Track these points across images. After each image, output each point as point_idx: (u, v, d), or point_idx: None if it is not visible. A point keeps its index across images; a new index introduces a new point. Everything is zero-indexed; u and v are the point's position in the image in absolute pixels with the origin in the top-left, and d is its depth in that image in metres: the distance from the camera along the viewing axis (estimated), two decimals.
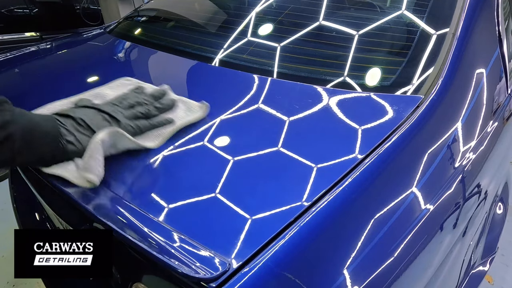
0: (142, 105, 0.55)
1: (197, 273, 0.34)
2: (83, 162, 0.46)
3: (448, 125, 0.62)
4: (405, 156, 0.54)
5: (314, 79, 0.71)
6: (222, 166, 0.50)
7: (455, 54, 0.67)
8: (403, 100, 0.62)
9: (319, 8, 0.87)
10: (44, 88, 0.81)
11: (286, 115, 0.60)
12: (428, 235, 0.53)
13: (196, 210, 0.43)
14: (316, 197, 0.43)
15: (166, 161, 0.52)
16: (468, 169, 0.64)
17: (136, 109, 0.54)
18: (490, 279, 1.40)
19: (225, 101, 0.67)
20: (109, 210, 0.44)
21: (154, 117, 0.56)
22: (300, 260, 0.39)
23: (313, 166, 0.48)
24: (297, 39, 0.82)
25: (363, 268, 0.43)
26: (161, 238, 0.39)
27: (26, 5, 2.76)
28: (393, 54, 0.76)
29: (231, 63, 0.82)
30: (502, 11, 0.85)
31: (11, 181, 1.12)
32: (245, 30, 0.90)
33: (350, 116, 0.59)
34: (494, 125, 0.77)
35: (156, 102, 0.58)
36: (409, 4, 0.81)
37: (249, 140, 0.56)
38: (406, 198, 0.51)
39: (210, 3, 1.15)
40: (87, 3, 3.03)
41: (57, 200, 0.69)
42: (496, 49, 0.82)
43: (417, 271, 0.53)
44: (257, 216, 0.41)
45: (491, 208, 0.94)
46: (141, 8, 1.33)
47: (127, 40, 1.05)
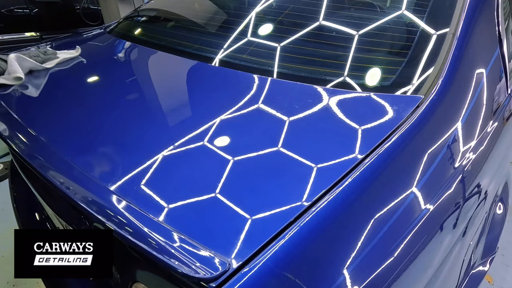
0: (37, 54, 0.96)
1: (197, 273, 0.34)
2: (8, 71, 0.84)
3: (448, 125, 0.62)
4: (405, 156, 0.54)
5: (314, 79, 0.71)
6: (222, 166, 0.50)
7: (455, 54, 0.67)
8: (403, 100, 0.62)
9: (319, 8, 0.87)
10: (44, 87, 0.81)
11: (286, 115, 0.60)
12: (428, 235, 0.53)
13: (196, 210, 0.43)
14: (316, 197, 0.43)
15: (166, 161, 0.52)
16: (468, 169, 0.64)
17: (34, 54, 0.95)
18: (490, 279, 1.40)
19: (225, 101, 0.67)
20: (109, 210, 0.44)
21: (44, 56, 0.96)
22: (300, 260, 0.39)
23: (313, 166, 0.48)
24: (297, 39, 0.82)
25: (363, 268, 0.43)
26: (161, 238, 0.39)
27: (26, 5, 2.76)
28: (393, 54, 0.76)
29: (231, 63, 0.82)
30: (502, 11, 0.85)
31: (11, 181, 1.13)
32: (245, 30, 0.90)
33: (350, 116, 0.59)
34: (494, 125, 0.77)
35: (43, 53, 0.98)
36: (409, 4, 0.81)
37: (249, 140, 0.56)
38: (406, 198, 0.51)
39: (210, 3, 1.15)
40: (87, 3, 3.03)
41: (57, 200, 0.69)
42: (496, 49, 0.82)
43: (417, 271, 0.53)
44: (257, 216, 0.41)
45: (491, 208, 0.94)
46: (141, 8, 1.33)
47: (127, 40, 1.05)
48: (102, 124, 0.65)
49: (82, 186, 0.48)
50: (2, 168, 1.99)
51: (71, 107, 0.73)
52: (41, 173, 0.52)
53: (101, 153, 0.55)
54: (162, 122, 0.65)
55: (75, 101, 0.75)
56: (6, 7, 2.66)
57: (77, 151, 0.56)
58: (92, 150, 0.56)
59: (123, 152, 0.55)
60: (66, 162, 0.53)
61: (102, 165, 0.52)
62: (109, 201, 0.45)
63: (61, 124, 0.66)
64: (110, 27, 1.23)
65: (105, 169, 0.51)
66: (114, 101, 0.74)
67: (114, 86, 0.79)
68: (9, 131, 0.64)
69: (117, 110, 0.69)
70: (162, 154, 0.53)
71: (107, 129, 0.63)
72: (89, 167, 0.52)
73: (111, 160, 0.52)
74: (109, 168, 0.51)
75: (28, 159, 0.55)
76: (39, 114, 0.70)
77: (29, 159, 0.55)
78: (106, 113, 0.68)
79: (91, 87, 0.77)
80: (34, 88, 0.81)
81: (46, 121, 0.67)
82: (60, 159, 0.54)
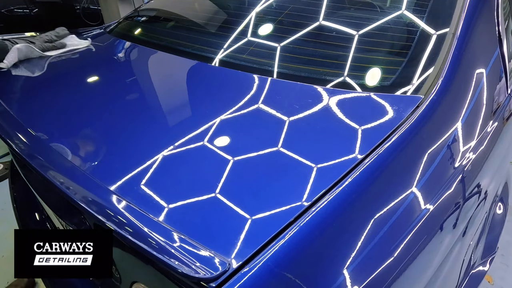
0: (48, 36, 1.07)
1: (197, 273, 0.34)
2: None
3: (448, 125, 0.62)
4: (405, 156, 0.54)
5: (314, 79, 0.71)
6: (222, 166, 0.50)
7: (455, 54, 0.67)
8: (403, 100, 0.62)
9: (319, 8, 0.87)
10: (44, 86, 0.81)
11: (286, 115, 0.60)
12: (428, 235, 0.53)
13: (196, 210, 0.43)
14: (316, 197, 0.43)
15: (166, 161, 0.52)
16: (468, 169, 0.64)
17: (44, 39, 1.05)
18: (490, 279, 1.40)
19: (225, 101, 0.67)
20: (109, 210, 0.44)
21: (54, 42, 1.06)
22: (300, 260, 0.39)
23: (313, 166, 0.48)
24: (297, 39, 0.82)
25: (363, 268, 0.43)
26: (161, 238, 0.39)
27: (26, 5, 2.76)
28: (393, 54, 0.76)
29: (231, 63, 0.82)
30: (502, 11, 0.85)
31: (11, 181, 1.13)
32: (245, 30, 0.90)
33: (350, 116, 0.59)
34: (494, 125, 0.77)
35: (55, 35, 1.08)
36: (409, 4, 0.81)
37: (249, 140, 0.56)
38: (406, 198, 0.51)
39: (210, 3, 1.15)
40: (87, 3, 3.03)
41: (57, 200, 0.69)
42: (496, 49, 0.82)
43: (417, 271, 0.53)
44: (257, 216, 0.41)
45: (491, 208, 0.94)
46: (141, 8, 1.33)
47: (127, 40, 1.05)
48: (102, 124, 0.65)
49: (82, 186, 0.48)
50: (2, 168, 1.99)
51: (71, 106, 0.73)
52: (41, 173, 0.52)
53: (101, 153, 0.55)
54: (162, 122, 0.65)
55: (74, 101, 0.75)
56: (6, 7, 2.66)
57: (77, 151, 0.56)
58: (92, 150, 0.56)
59: (123, 152, 0.55)
60: (66, 162, 0.53)
61: (102, 165, 0.52)
62: (109, 201, 0.45)
63: (60, 123, 0.66)
64: (110, 27, 1.23)
65: (105, 169, 0.51)
66: (114, 101, 0.74)
67: (114, 86, 0.79)
68: (9, 131, 0.64)
69: (117, 110, 0.69)
70: (162, 154, 0.53)
71: (107, 129, 0.63)
72: (89, 167, 0.52)
73: (111, 160, 0.52)
74: (109, 168, 0.51)
75: (28, 159, 0.55)
76: (38, 113, 0.69)
77: (29, 159, 0.55)
78: (106, 113, 0.68)
79: (90, 86, 0.77)
80: (29, 81, 0.82)
81: (46, 121, 0.67)
82: (60, 159, 0.54)
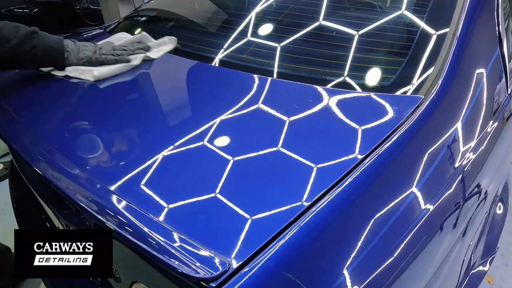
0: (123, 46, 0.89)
1: (197, 273, 0.34)
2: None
3: (448, 125, 0.62)
4: (405, 156, 0.54)
5: (314, 79, 0.71)
6: (222, 166, 0.50)
7: (455, 54, 0.67)
8: (403, 100, 0.62)
9: (319, 8, 0.87)
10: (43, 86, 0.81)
11: (286, 115, 0.60)
12: (428, 235, 0.53)
13: (196, 210, 0.43)
14: (316, 197, 0.43)
15: (166, 161, 0.52)
16: (468, 169, 0.64)
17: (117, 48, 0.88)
18: (490, 279, 1.40)
19: (225, 101, 0.67)
20: (109, 210, 0.44)
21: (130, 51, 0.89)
22: (300, 260, 0.39)
23: (313, 166, 0.48)
24: (297, 39, 0.82)
25: (363, 268, 0.43)
26: (161, 238, 0.39)
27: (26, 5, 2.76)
28: (393, 54, 0.76)
29: (231, 63, 0.82)
30: (502, 11, 0.85)
31: (11, 181, 1.13)
32: (245, 30, 0.90)
33: (350, 116, 0.59)
34: (494, 125, 0.77)
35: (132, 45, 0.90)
36: (409, 4, 0.81)
37: (249, 140, 0.56)
38: (406, 198, 0.51)
39: (210, 3, 1.15)
40: (87, 3, 3.03)
41: (57, 200, 0.69)
42: (496, 49, 0.82)
43: (417, 271, 0.53)
44: (257, 216, 0.41)
45: (491, 208, 0.94)
46: (141, 8, 1.33)
47: None
48: (102, 123, 0.65)
49: (82, 186, 0.48)
50: (2, 168, 1.99)
51: (70, 106, 0.73)
52: (41, 173, 0.52)
53: (101, 152, 0.55)
54: (162, 122, 0.65)
55: (74, 101, 0.75)
56: (6, 7, 2.66)
57: (77, 150, 0.56)
58: (92, 149, 0.56)
59: (123, 152, 0.55)
60: (66, 162, 0.53)
61: (102, 164, 0.52)
62: (109, 201, 0.45)
63: (60, 123, 0.66)
64: (110, 27, 1.23)
65: (105, 168, 0.51)
66: (114, 100, 0.74)
67: (113, 86, 0.79)
68: (9, 131, 0.64)
69: (117, 110, 0.69)
70: (162, 154, 0.53)
71: (107, 129, 0.63)
72: (89, 166, 0.52)
73: (111, 160, 0.52)
74: (109, 168, 0.51)
75: (28, 159, 0.55)
76: (39, 113, 0.69)
77: (29, 159, 0.55)
78: (106, 112, 0.68)
79: (90, 86, 0.77)
80: (27, 83, 0.81)
81: (45, 120, 0.67)
82: (60, 159, 0.54)
